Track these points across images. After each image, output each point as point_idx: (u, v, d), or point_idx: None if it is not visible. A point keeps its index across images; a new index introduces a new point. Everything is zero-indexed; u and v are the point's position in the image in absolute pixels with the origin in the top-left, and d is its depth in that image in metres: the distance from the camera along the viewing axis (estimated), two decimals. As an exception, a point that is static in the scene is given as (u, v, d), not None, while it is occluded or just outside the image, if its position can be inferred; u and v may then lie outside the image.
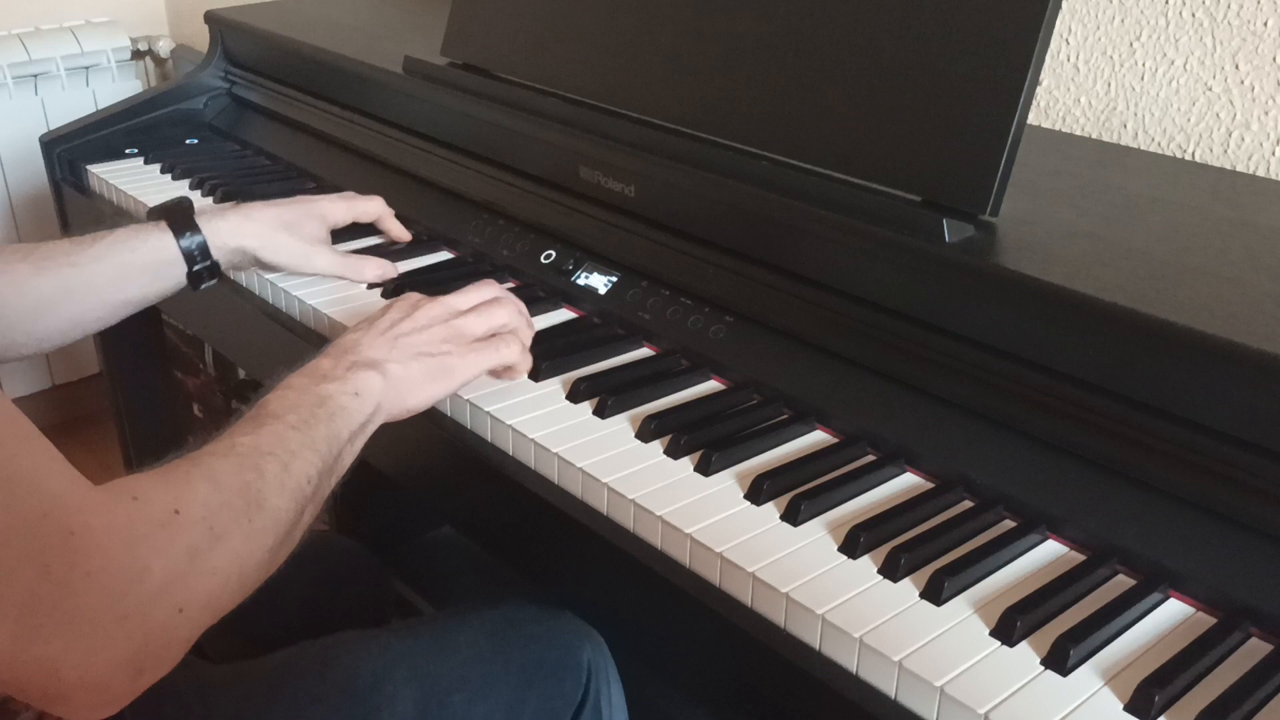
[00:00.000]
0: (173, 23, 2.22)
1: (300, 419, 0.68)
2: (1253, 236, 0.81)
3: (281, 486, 0.64)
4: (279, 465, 0.64)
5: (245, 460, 0.63)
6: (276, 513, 0.63)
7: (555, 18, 1.08)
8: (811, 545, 0.67)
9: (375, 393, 0.73)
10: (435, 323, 0.80)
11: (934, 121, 0.79)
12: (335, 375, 0.73)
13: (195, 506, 0.58)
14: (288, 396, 0.70)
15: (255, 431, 0.66)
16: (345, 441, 0.71)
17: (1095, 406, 0.68)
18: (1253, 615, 0.61)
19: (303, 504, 0.66)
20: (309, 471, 0.66)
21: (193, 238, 0.93)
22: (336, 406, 0.71)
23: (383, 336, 0.77)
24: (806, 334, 0.83)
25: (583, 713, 0.84)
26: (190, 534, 0.57)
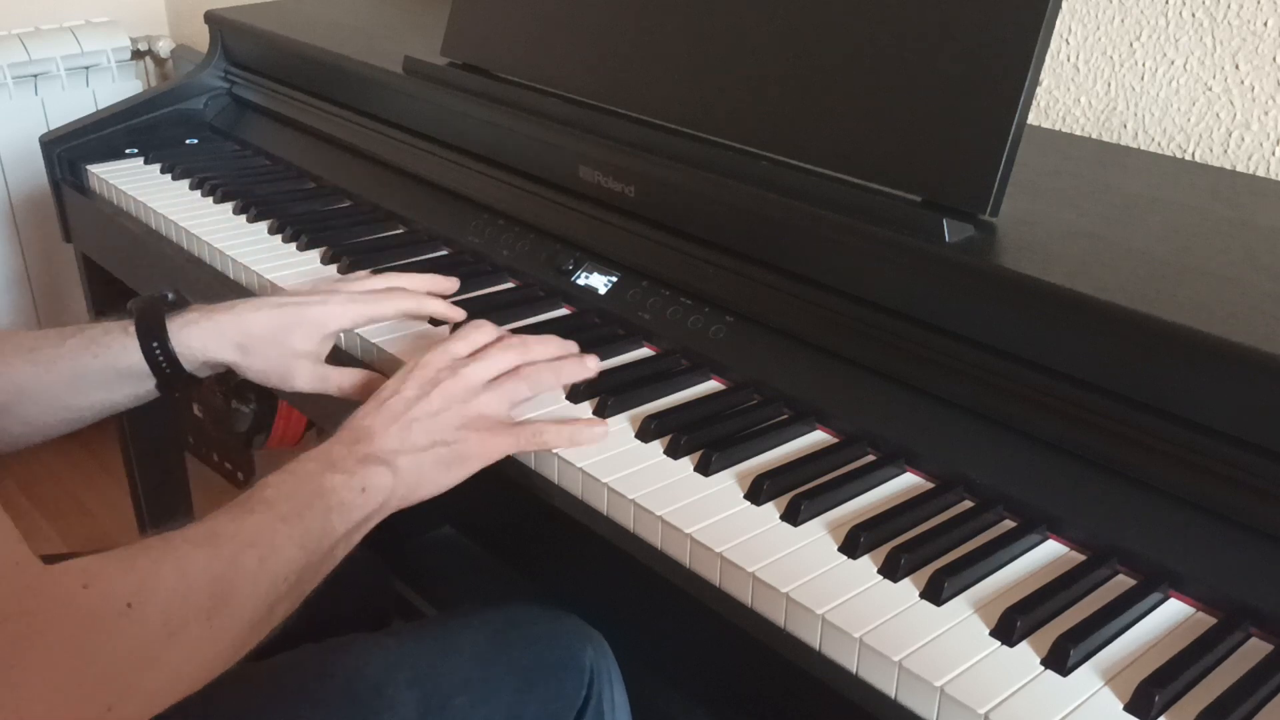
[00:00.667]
0: (173, 23, 2.22)
1: (293, 509, 0.65)
2: (1253, 236, 0.81)
3: (255, 584, 0.61)
4: (256, 559, 0.61)
5: (220, 552, 0.60)
6: (243, 609, 0.60)
7: (555, 18, 1.08)
8: (811, 545, 0.67)
9: (383, 490, 0.71)
10: (453, 403, 0.75)
11: (934, 121, 0.79)
12: (344, 467, 0.70)
13: (155, 598, 0.55)
14: (288, 482, 0.67)
15: (242, 518, 0.63)
16: (340, 537, 0.68)
17: (1095, 406, 0.68)
18: (1253, 615, 0.61)
19: (276, 601, 0.63)
20: (288, 569, 0.63)
21: (159, 348, 0.82)
22: (337, 501, 0.68)
23: (395, 421, 0.73)
24: (806, 334, 0.83)
25: (585, 714, 0.83)
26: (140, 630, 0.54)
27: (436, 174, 1.16)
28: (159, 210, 1.22)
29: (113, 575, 0.55)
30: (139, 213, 1.27)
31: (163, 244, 1.21)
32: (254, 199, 1.21)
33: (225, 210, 1.22)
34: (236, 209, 1.21)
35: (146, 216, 1.25)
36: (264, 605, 0.62)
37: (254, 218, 1.18)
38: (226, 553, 0.61)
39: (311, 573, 0.66)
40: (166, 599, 0.56)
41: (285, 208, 1.21)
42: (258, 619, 0.62)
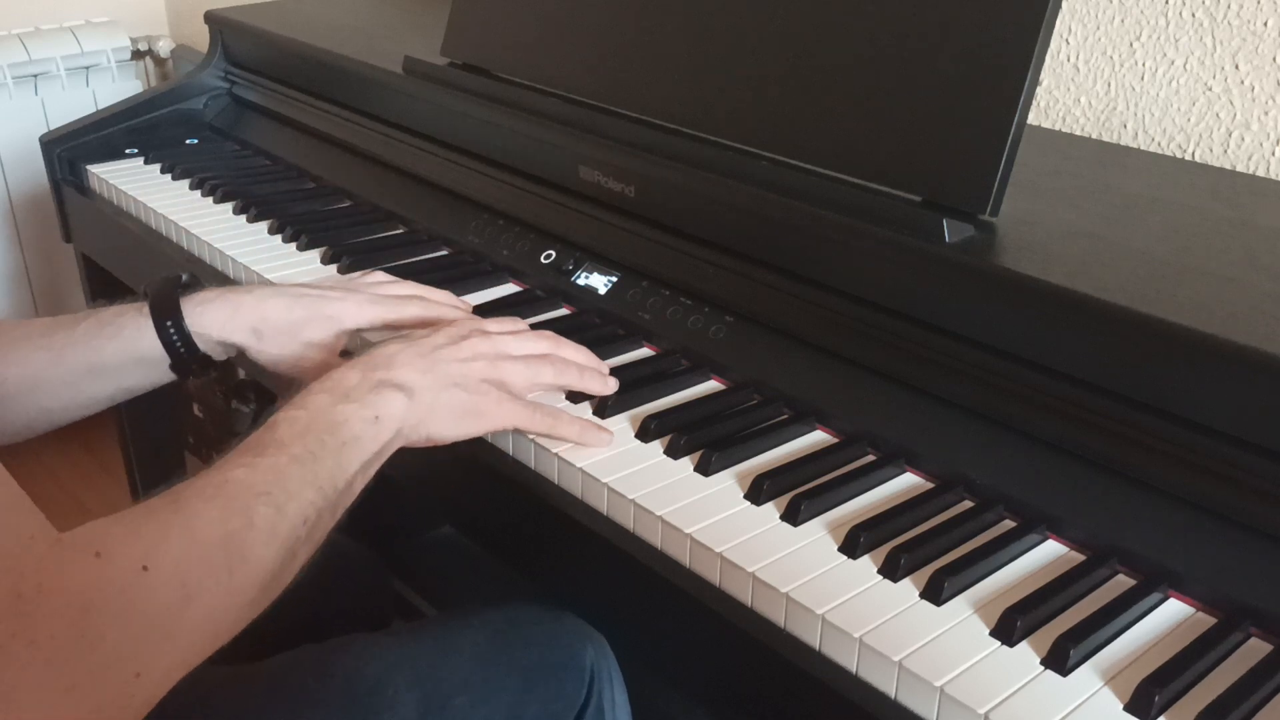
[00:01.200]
0: (173, 23, 2.22)
1: (306, 449, 0.64)
2: (1253, 236, 0.81)
3: (272, 533, 0.59)
4: (272, 508, 0.60)
5: (232, 504, 0.59)
6: (261, 563, 0.59)
7: (555, 18, 1.08)
8: (811, 545, 0.67)
9: (396, 417, 0.69)
10: (481, 358, 0.74)
11: (934, 121, 0.79)
12: (357, 395, 0.68)
13: (167, 561, 0.54)
14: (299, 419, 0.66)
15: (253, 463, 0.62)
16: (355, 471, 0.67)
17: (1095, 406, 0.68)
18: (1253, 615, 0.61)
19: (295, 546, 0.62)
20: (306, 512, 0.62)
21: (174, 328, 0.81)
22: (350, 435, 0.66)
23: (421, 357, 0.72)
24: (806, 334, 0.83)
25: (585, 714, 0.83)
26: (158, 594, 0.53)
27: (436, 174, 1.16)
28: (159, 210, 1.22)
29: (124, 538, 0.54)
30: (139, 213, 1.27)
31: (163, 244, 1.21)
32: (254, 199, 1.22)
33: (225, 210, 1.22)
34: (236, 209, 1.21)
35: (146, 216, 1.25)
36: (284, 552, 0.60)
37: (254, 218, 1.18)
38: (239, 505, 0.59)
39: (330, 512, 0.64)
40: (180, 562, 0.54)
41: (285, 208, 1.21)
42: (278, 568, 0.60)
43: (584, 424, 0.77)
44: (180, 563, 0.54)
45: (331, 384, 0.69)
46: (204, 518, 0.57)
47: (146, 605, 0.52)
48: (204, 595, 0.55)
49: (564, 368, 0.79)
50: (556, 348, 0.80)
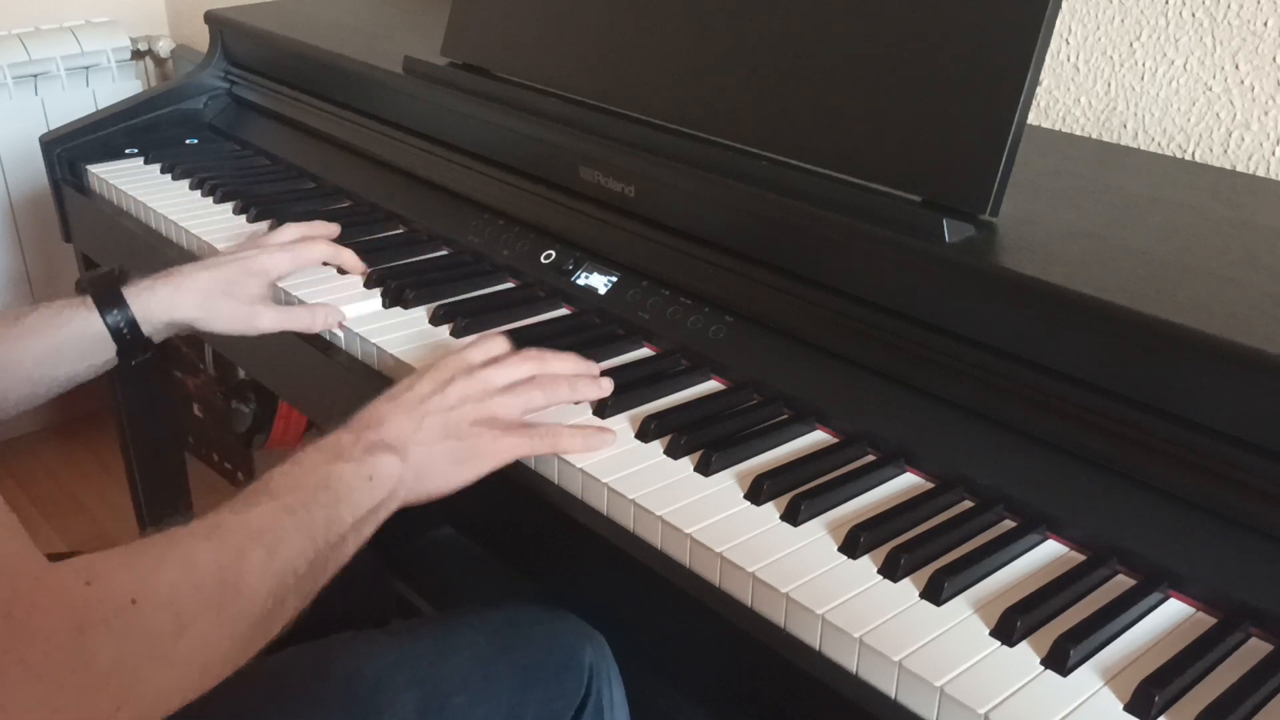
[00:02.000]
0: (173, 23, 2.22)
1: (299, 501, 0.65)
2: (1253, 236, 0.81)
3: (263, 573, 0.60)
4: (264, 551, 0.61)
5: (226, 543, 0.60)
6: (253, 600, 0.60)
7: (555, 18, 1.08)
8: (811, 545, 0.67)
9: (391, 478, 0.70)
10: (468, 400, 0.75)
11: (934, 122, 0.79)
12: (352, 455, 0.69)
13: (160, 592, 0.54)
14: (292, 473, 0.67)
15: (246, 510, 0.63)
16: (348, 528, 0.67)
17: (1095, 406, 0.68)
18: (1253, 615, 0.61)
19: (284, 593, 0.62)
20: (297, 560, 0.63)
21: (119, 314, 0.87)
22: (345, 489, 0.67)
23: (409, 414, 0.73)
24: (806, 334, 0.83)
25: (584, 713, 0.83)
26: (149, 621, 0.53)
27: (436, 174, 1.16)
28: (159, 210, 1.22)
29: (115, 571, 0.54)
30: (139, 213, 1.26)
31: (163, 244, 1.21)
32: (254, 199, 1.22)
33: (225, 210, 1.22)
34: (236, 209, 1.21)
35: (146, 216, 1.25)
36: (274, 598, 0.61)
37: (254, 218, 1.18)
38: (232, 544, 0.60)
39: (321, 565, 0.65)
40: (172, 593, 0.55)
41: (285, 208, 1.21)
42: (269, 611, 0.61)
43: (585, 432, 0.76)
44: (174, 591, 0.55)
45: (325, 444, 0.70)
46: (198, 551, 0.58)
47: (139, 631, 0.53)
48: (196, 626, 0.56)
49: (553, 386, 0.79)
50: (541, 366, 0.80)
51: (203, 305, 0.90)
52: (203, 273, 0.92)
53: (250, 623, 0.60)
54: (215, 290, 0.91)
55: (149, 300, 0.89)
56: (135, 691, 0.52)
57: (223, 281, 0.91)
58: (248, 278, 0.93)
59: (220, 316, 0.91)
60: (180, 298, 0.90)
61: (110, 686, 0.51)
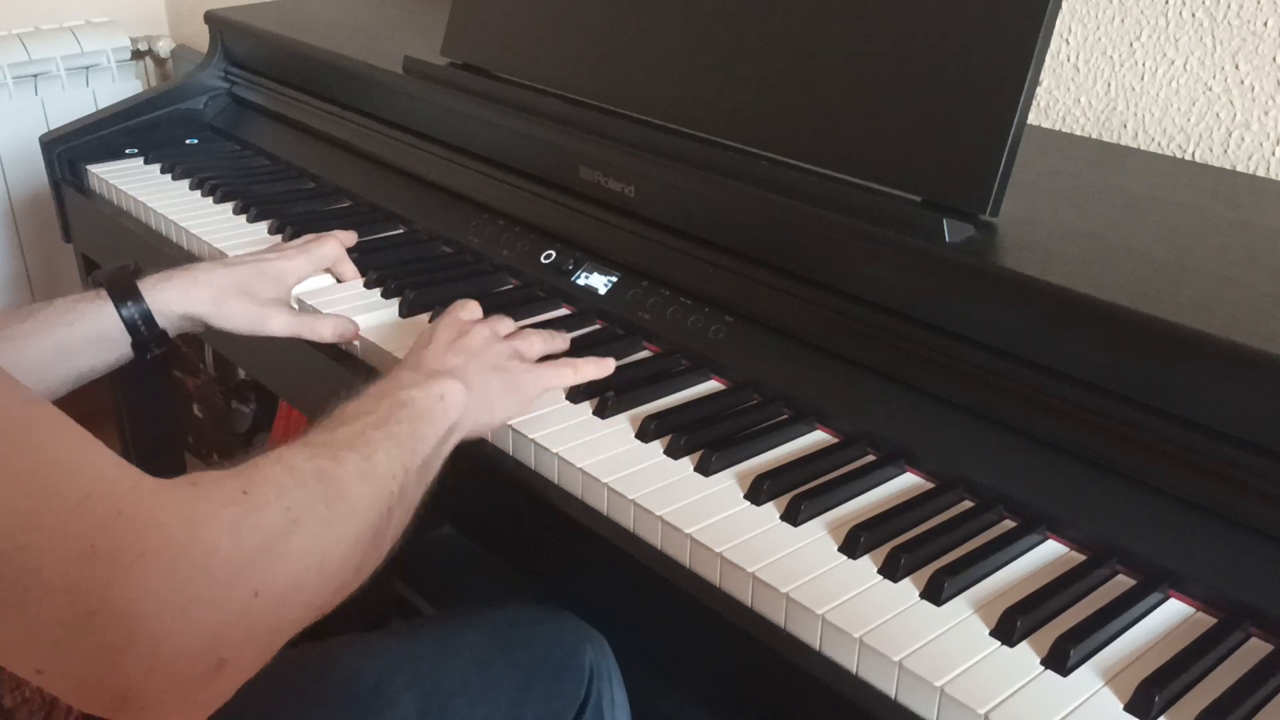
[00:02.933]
0: (173, 23, 2.22)
1: (380, 419, 0.66)
2: (1253, 236, 0.81)
3: (362, 476, 0.61)
4: (359, 457, 0.62)
5: (320, 450, 0.61)
6: (358, 503, 0.60)
7: (555, 18, 1.08)
8: (811, 545, 0.67)
9: (459, 401, 0.72)
10: (490, 342, 0.79)
11: (934, 121, 0.79)
12: (416, 383, 0.72)
13: (267, 488, 0.55)
14: (366, 401, 0.69)
15: (333, 429, 0.64)
16: (432, 445, 0.69)
17: (1095, 406, 0.68)
18: (1253, 615, 0.61)
19: (389, 501, 0.63)
20: (393, 467, 0.64)
21: (135, 307, 0.87)
22: (420, 409, 0.69)
23: (450, 352, 0.76)
24: (806, 334, 0.83)
25: (584, 714, 0.84)
26: (262, 514, 0.53)
27: (436, 174, 1.16)
28: (159, 210, 1.22)
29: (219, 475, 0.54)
30: (139, 213, 1.27)
31: (163, 244, 1.21)
32: (254, 199, 1.22)
33: (225, 210, 1.22)
34: (236, 209, 1.21)
35: (146, 216, 1.25)
36: (378, 503, 0.62)
37: (254, 218, 1.18)
38: (327, 452, 0.61)
39: (414, 479, 0.67)
40: (278, 485, 0.55)
41: (285, 208, 1.21)
42: (375, 518, 0.61)
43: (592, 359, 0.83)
44: (280, 488, 0.55)
45: (389, 380, 0.73)
46: (295, 456, 0.59)
47: (253, 521, 0.52)
48: (306, 523, 0.55)
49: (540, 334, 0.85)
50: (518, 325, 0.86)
51: (216, 301, 0.90)
52: (219, 269, 0.92)
53: (359, 527, 0.59)
54: (230, 288, 0.91)
55: (164, 293, 0.89)
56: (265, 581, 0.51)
57: (238, 280, 0.92)
58: (264, 279, 0.94)
59: (233, 314, 0.91)
60: (196, 291, 0.90)
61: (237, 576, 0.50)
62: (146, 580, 0.46)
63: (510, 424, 0.79)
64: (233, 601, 0.49)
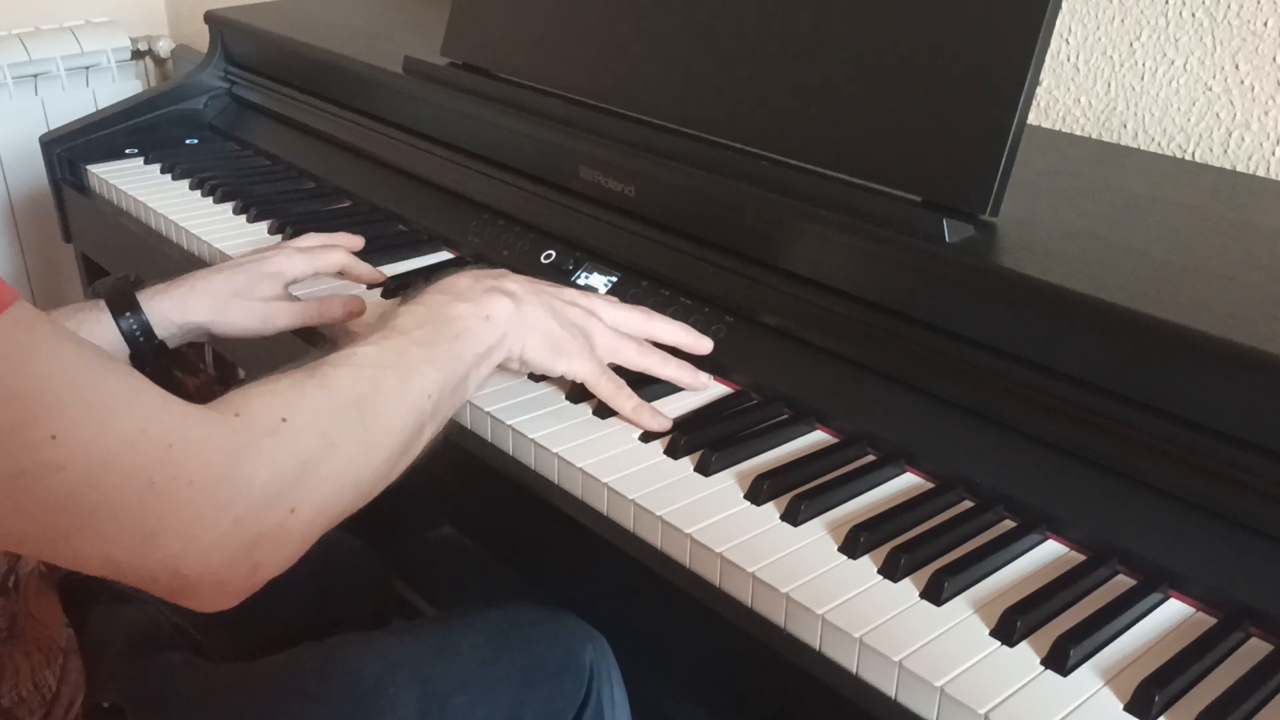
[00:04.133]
0: (173, 23, 2.22)
1: (425, 336, 0.69)
2: (1253, 236, 0.81)
3: (398, 401, 0.65)
4: (397, 379, 0.65)
5: (361, 372, 0.64)
6: (392, 424, 0.64)
7: (555, 18, 1.08)
8: (811, 545, 0.67)
9: (504, 319, 0.74)
10: (577, 307, 0.80)
11: (934, 121, 0.79)
12: (469, 295, 0.74)
13: (305, 414, 0.59)
14: (416, 312, 0.72)
15: (379, 343, 0.67)
16: (470, 364, 0.72)
17: (1095, 406, 0.68)
18: (1253, 615, 0.61)
19: (421, 419, 0.67)
20: (429, 388, 0.67)
21: (133, 318, 0.87)
22: (463, 328, 0.72)
23: (529, 282, 0.78)
24: (806, 334, 0.83)
25: (585, 713, 0.83)
26: (300, 440, 0.58)
27: (436, 174, 1.16)
28: (159, 210, 1.22)
29: (261, 399, 0.59)
30: (139, 213, 1.27)
31: (163, 244, 1.21)
32: (254, 199, 1.22)
33: (225, 210, 1.22)
34: (236, 209, 1.21)
35: (146, 216, 1.25)
36: (411, 422, 0.66)
37: (254, 218, 1.18)
38: (367, 373, 0.64)
39: (449, 396, 0.70)
40: (317, 411, 0.60)
41: (285, 208, 1.21)
42: (408, 435, 0.66)
43: (641, 404, 0.79)
44: (318, 414, 0.60)
45: (445, 285, 0.75)
46: (336, 379, 0.63)
47: (291, 449, 0.58)
48: (342, 445, 0.61)
49: (648, 352, 0.82)
50: (648, 321, 0.83)
51: (217, 308, 0.90)
52: (216, 275, 0.92)
53: (391, 446, 0.64)
54: (228, 292, 0.91)
55: (162, 304, 0.89)
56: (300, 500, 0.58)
57: (235, 283, 0.91)
58: (262, 279, 0.93)
59: (235, 318, 0.91)
60: (194, 300, 0.90)
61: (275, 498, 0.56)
62: (197, 507, 0.53)
63: (511, 424, 0.79)
64: (270, 519, 0.56)
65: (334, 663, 0.80)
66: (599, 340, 0.80)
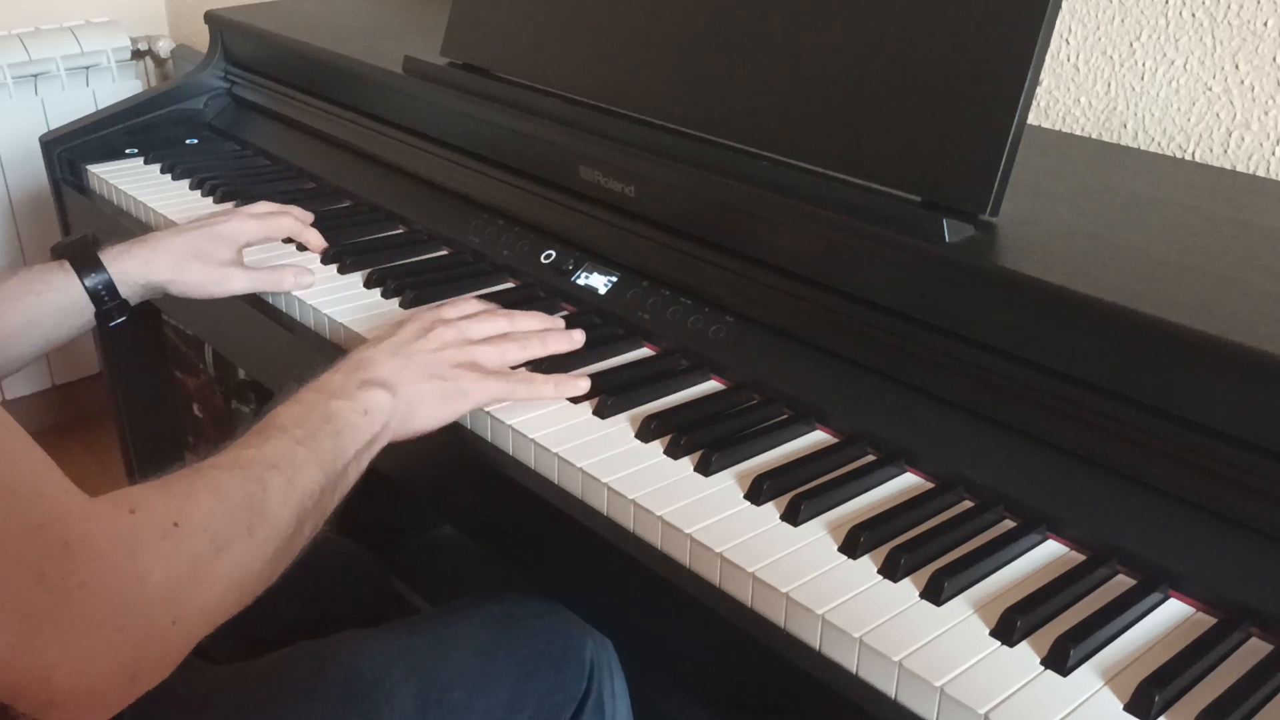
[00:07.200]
0: (173, 23, 2.22)
1: (307, 433, 0.69)
2: (1253, 236, 0.81)
3: (285, 499, 0.65)
4: (283, 478, 0.65)
5: (249, 473, 0.64)
6: (278, 524, 0.64)
7: (555, 18, 1.08)
8: (811, 545, 0.67)
9: (384, 411, 0.74)
10: (449, 346, 0.80)
11: (934, 121, 0.79)
12: (345, 392, 0.74)
13: (197, 517, 0.59)
14: (295, 411, 0.71)
15: (261, 445, 0.67)
16: (350, 458, 0.72)
17: (1095, 406, 0.68)
18: (1253, 615, 0.61)
19: (304, 517, 0.67)
20: (312, 486, 0.67)
21: (97, 277, 0.91)
22: (344, 423, 0.72)
23: (395, 356, 0.78)
24: (806, 334, 0.83)
25: (585, 706, 0.84)
26: (191, 544, 0.58)
27: (436, 174, 1.16)
28: (159, 210, 1.22)
29: (154, 499, 0.58)
30: (139, 213, 1.27)
31: (163, 244, 1.21)
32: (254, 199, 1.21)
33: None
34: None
35: (146, 216, 1.25)
36: (295, 520, 0.66)
37: (254, 217, 1.18)
38: (254, 474, 0.64)
39: (330, 491, 0.70)
40: (208, 514, 0.60)
41: (285, 207, 1.20)
42: (291, 534, 0.65)
43: (558, 379, 0.81)
44: (209, 517, 0.59)
45: (320, 385, 0.75)
46: (225, 482, 0.63)
47: (182, 553, 0.57)
48: (232, 547, 0.60)
49: (526, 341, 0.84)
50: (511, 324, 0.85)
51: (176, 267, 0.95)
52: (176, 237, 0.96)
53: (277, 545, 0.64)
54: (187, 253, 0.95)
55: (125, 263, 0.93)
56: (186, 607, 0.57)
57: (194, 245, 0.96)
58: (218, 242, 0.97)
59: (193, 279, 0.95)
60: (156, 260, 0.94)
61: (164, 603, 0.55)
62: (85, 608, 0.51)
63: (510, 424, 0.79)
64: (156, 625, 0.55)
65: (332, 660, 0.80)
66: (485, 360, 0.81)
